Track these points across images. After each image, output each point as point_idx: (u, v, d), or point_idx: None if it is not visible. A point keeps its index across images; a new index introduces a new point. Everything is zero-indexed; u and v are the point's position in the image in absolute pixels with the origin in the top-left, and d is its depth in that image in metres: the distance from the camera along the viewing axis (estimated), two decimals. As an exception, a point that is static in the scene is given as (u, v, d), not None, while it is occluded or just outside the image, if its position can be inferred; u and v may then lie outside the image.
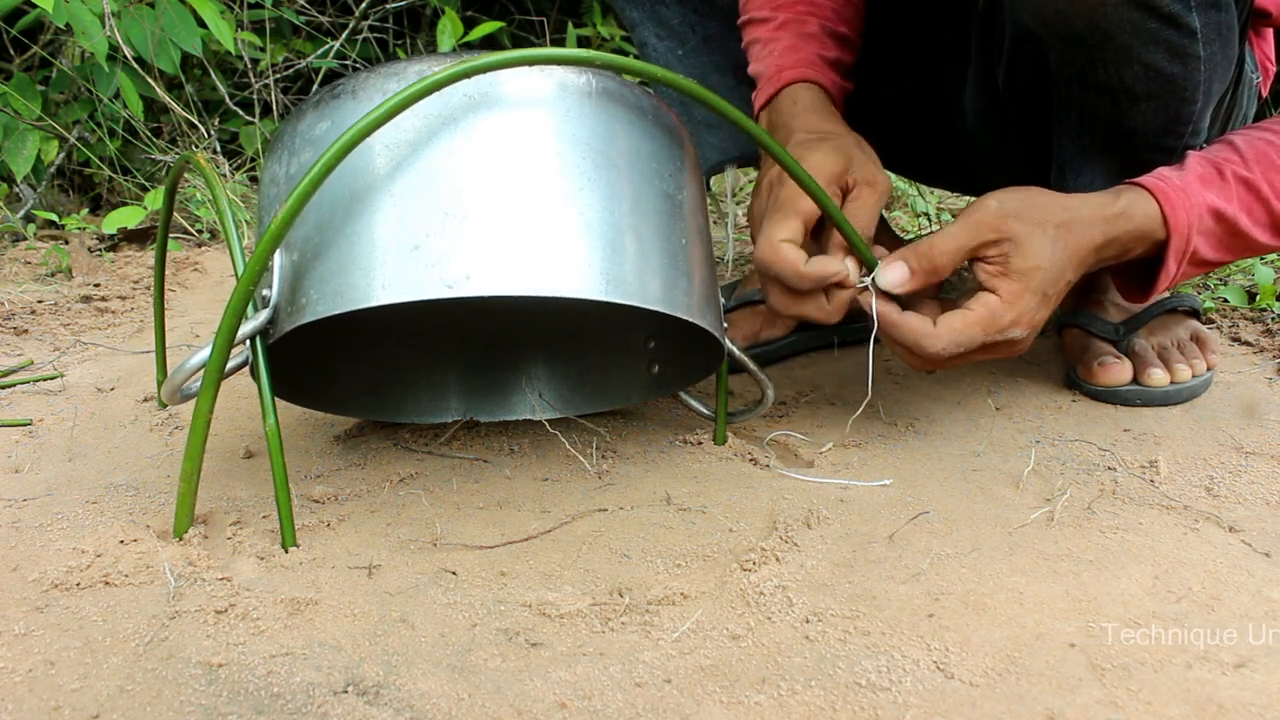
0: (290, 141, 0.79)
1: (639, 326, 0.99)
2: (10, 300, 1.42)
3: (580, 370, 1.02)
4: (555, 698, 0.60)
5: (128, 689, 0.60)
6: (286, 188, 0.77)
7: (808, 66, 0.99)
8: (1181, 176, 0.88)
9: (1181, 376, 1.04)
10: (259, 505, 0.82)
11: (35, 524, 0.79)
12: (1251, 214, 0.89)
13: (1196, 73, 0.87)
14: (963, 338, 0.82)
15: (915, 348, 0.84)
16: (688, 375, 0.95)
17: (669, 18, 1.15)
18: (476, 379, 1.02)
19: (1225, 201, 0.88)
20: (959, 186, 1.37)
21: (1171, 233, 0.87)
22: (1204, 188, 0.87)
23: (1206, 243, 0.88)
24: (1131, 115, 0.90)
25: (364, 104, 0.75)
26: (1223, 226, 0.88)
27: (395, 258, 0.71)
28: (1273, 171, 0.89)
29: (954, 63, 1.14)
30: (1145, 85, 0.87)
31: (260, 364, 0.75)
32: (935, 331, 0.83)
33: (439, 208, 0.72)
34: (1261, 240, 0.90)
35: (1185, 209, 0.86)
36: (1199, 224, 0.87)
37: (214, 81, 2.05)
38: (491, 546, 0.77)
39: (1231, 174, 0.88)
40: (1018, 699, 0.60)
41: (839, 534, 0.78)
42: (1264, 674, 0.62)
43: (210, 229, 1.81)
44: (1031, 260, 0.82)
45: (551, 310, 1.01)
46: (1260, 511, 0.82)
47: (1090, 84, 0.89)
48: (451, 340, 1.02)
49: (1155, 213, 0.86)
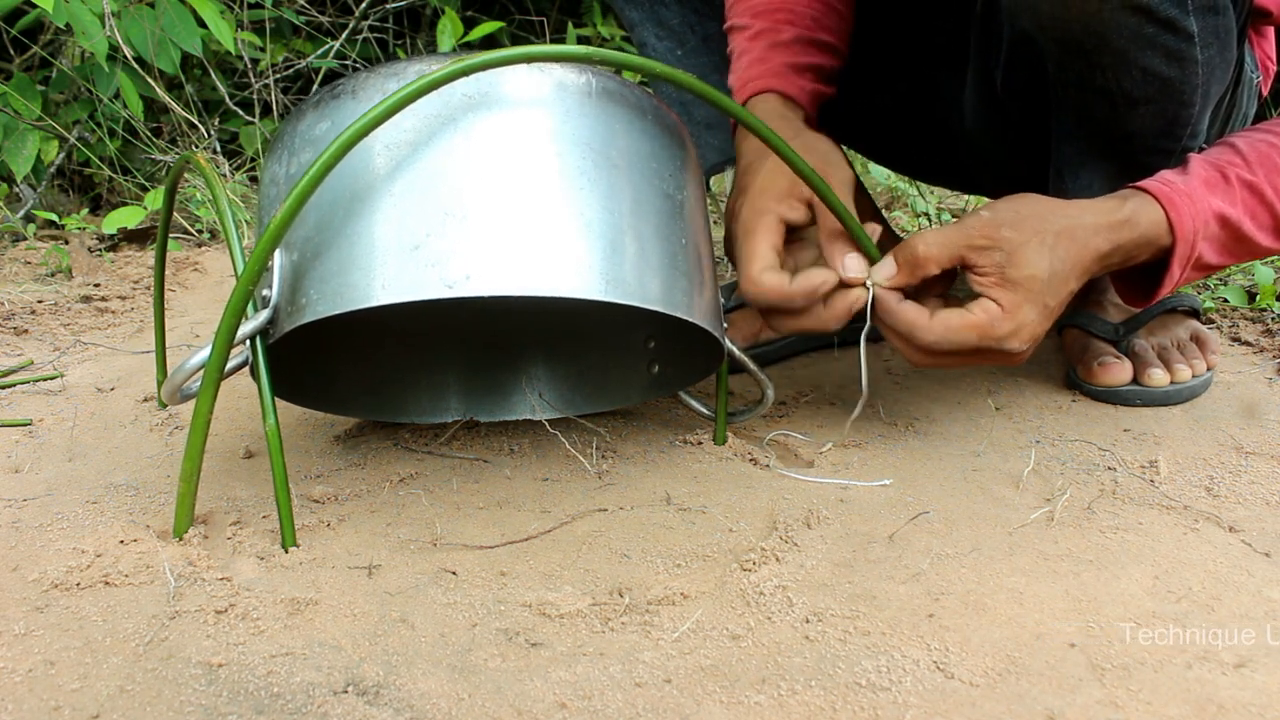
0: (290, 141, 0.79)
1: (639, 326, 0.99)
2: (10, 300, 1.42)
3: (580, 370, 1.02)
4: (555, 698, 0.60)
5: (128, 689, 0.60)
6: (286, 187, 0.77)
7: (773, 77, 0.99)
8: (1186, 181, 0.87)
9: (1181, 376, 1.04)
10: (259, 505, 0.82)
11: (35, 524, 0.79)
12: (1256, 218, 0.88)
13: (1194, 76, 0.87)
14: (956, 336, 0.82)
15: (909, 336, 0.84)
16: (688, 375, 0.95)
17: (668, 18, 1.15)
18: (476, 379, 1.02)
19: (1230, 206, 0.87)
20: (959, 185, 1.37)
21: (1178, 239, 0.85)
22: (1209, 192, 0.87)
23: (1211, 247, 0.88)
24: (1130, 119, 0.90)
25: (364, 104, 0.75)
26: (1227, 231, 0.88)
27: (395, 258, 0.71)
28: (1276, 174, 0.88)
29: (950, 67, 1.14)
30: (1143, 89, 0.87)
31: (260, 364, 0.75)
32: (929, 324, 0.82)
33: (439, 208, 0.72)
34: (1265, 244, 0.90)
35: (1191, 215, 0.85)
36: (1204, 230, 0.86)
37: (214, 81, 2.05)
38: (491, 546, 0.77)
39: (1235, 177, 0.88)
40: (1018, 699, 0.60)
41: (839, 534, 0.78)
42: (1264, 674, 0.62)
43: (210, 229, 1.81)
44: (1027, 270, 0.81)
45: (551, 310, 1.01)
46: (1260, 511, 0.82)
47: (1088, 88, 0.89)
48: (451, 340, 1.02)
49: (1161, 219, 0.85)
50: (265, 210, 0.80)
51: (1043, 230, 0.82)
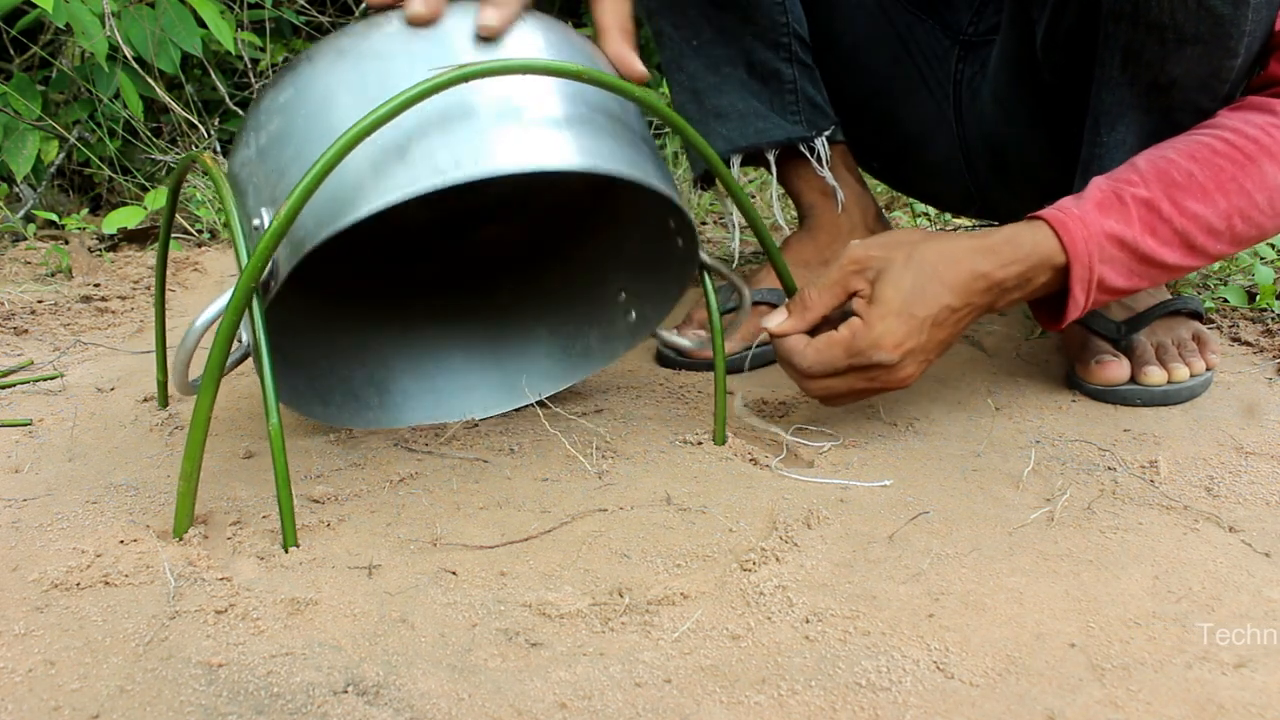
0: (254, 120, 0.81)
1: (611, 280, 1.02)
2: (10, 300, 1.42)
3: (563, 344, 1.04)
4: (555, 698, 0.60)
5: (128, 689, 0.60)
6: (260, 164, 0.78)
7: None
8: (1080, 205, 0.89)
9: (1179, 376, 1.04)
10: (259, 505, 0.82)
11: (35, 524, 0.79)
12: (1156, 234, 0.89)
13: (1244, 19, 0.87)
14: (826, 356, 0.87)
15: (787, 363, 0.90)
16: (661, 307, 0.99)
17: (686, 8, 1.16)
18: (470, 375, 1.03)
19: (1125, 226, 0.89)
20: (957, 203, 1.38)
21: (1072, 260, 0.88)
22: (1102, 215, 0.89)
23: (1114, 270, 0.89)
24: (1177, 60, 0.90)
25: (320, 66, 0.78)
26: (1127, 252, 0.89)
27: (383, 165, 0.73)
28: (1173, 189, 0.89)
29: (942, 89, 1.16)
30: (1195, 26, 0.87)
31: (260, 337, 0.74)
32: (804, 349, 0.88)
33: (417, 120, 0.74)
34: (1174, 261, 0.91)
35: (1084, 237, 0.88)
36: (1100, 252, 0.88)
37: (214, 81, 2.05)
38: (491, 546, 0.77)
39: (1130, 197, 0.89)
40: (1018, 699, 0.60)
41: (839, 534, 0.78)
42: (1264, 674, 0.62)
43: (210, 229, 1.81)
44: (890, 285, 0.86)
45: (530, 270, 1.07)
46: (1260, 511, 0.82)
47: (1141, 20, 0.89)
48: (445, 340, 1.03)
49: (1050, 239, 0.88)
50: (242, 194, 0.80)
51: (910, 249, 0.87)
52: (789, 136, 1.19)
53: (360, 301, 1.03)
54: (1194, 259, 0.92)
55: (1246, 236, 0.92)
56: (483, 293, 1.07)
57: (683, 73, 1.19)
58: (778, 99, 1.19)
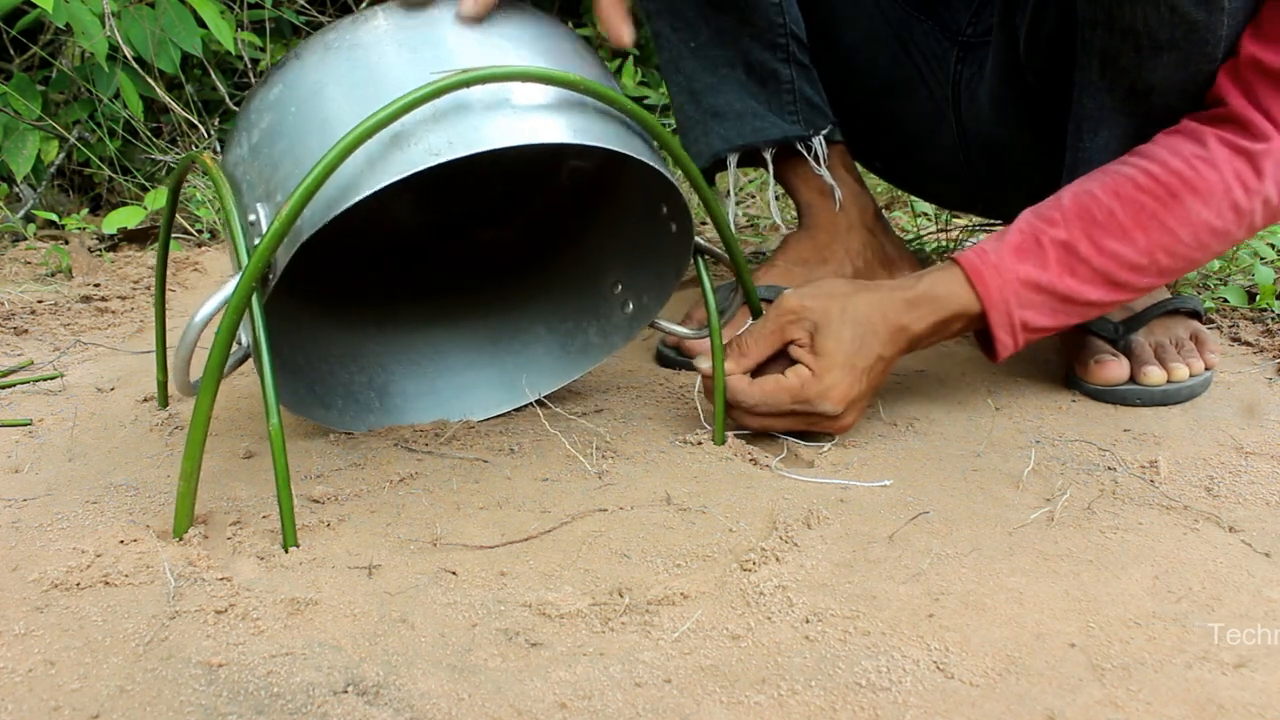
0: (246, 119, 0.81)
1: (606, 273, 1.03)
2: (10, 300, 1.42)
3: (561, 340, 1.04)
4: (555, 698, 0.60)
5: (128, 689, 0.60)
6: (254, 160, 0.79)
7: None
8: (997, 250, 0.91)
9: (1178, 375, 1.04)
10: (259, 505, 0.82)
11: (35, 524, 0.79)
12: (1076, 274, 0.91)
13: (1220, 24, 0.87)
14: (771, 399, 0.90)
15: (732, 400, 0.92)
16: (658, 296, 0.99)
17: (684, 10, 1.17)
18: (472, 376, 1.03)
19: (1040, 270, 0.90)
20: (960, 202, 1.39)
21: (989, 308, 0.90)
22: (1018, 260, 0.90)
23: (1037, 313, 0.91)
24: (1153, 66, 0.90)
25: (308, 62, 0.79)
26: (1045, 295, 0.91)
27: (376, 150, 0.73)
28: (1093, 227, 0.90)
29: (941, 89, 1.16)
30: (1170, 32, 0.87)
31: (260, 336, 0.74)
32: (749, 389, 0.91)
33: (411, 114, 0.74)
34: (1098, 297, 0.92)
35: (998, 285, 0.90)
36: (1017, 297, 0.90)
37: (214, 81, 2.05)
38: (491, 546, 0.77)
39: (1049, 240, 0.91)
40: (1018, 699, 0.60)
41: (839, 534, 0.78)
42: (1264, 674, 0.62)
43: (210, 229, 1.81)
44: (833, 338, 0.89)
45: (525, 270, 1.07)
46: (1260, 511, 0.82)
47: (1115, 26, 0.89)
48: (444, 342, 1.03)
49: (965, 288, 0.91)
50: (237, 193, 0.80)
51: (843, 301, 0.90)
52: (786, 135, 1.19)
53: (358, 306, 1.03)
54: (1121, 293, 0.93)
55: (1174, 269, 0.93)
56: (480, 293, 1.07)
57: (681, 74, 1.20)
58: (775, 99, 1.20)
